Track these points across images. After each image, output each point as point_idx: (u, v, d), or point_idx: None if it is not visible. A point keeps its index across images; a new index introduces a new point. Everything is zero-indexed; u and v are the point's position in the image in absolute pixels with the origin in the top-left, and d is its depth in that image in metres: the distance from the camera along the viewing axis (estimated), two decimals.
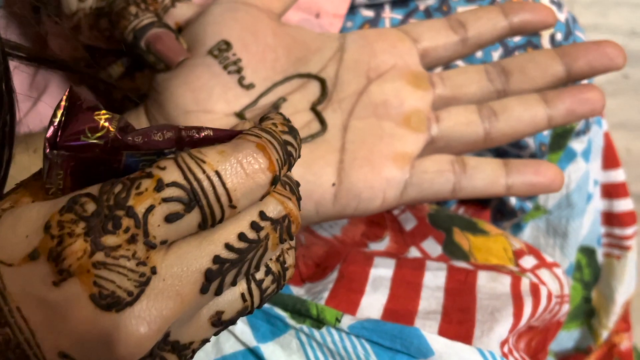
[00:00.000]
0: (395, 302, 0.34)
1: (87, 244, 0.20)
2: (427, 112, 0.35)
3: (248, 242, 0.21)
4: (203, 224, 0.21)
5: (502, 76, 0.36)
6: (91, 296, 0.20)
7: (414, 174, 0.34)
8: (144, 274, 0.20)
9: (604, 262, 0.53)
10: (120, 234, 0.20)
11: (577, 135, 0.48)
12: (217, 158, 0.21)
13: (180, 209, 0.20)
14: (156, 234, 0.20)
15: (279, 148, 0.22)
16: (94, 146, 0.21)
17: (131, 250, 0.20)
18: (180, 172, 0.20)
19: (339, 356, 0.31)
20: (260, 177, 0.21)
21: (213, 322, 0.22)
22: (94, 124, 0.21)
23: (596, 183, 0.51)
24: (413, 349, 0.31)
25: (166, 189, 0.20)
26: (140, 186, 0.20)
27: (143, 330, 0.20)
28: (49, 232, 0.20)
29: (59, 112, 0.21)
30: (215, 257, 0.21)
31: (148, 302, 0.20)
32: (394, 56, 0.36)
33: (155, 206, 0.20)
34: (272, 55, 0.36)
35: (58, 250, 0.20)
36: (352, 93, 0.35)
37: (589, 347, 0.53)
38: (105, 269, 0.20)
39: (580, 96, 0.35)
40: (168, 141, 0.21)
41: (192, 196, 0.20)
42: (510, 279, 0.35)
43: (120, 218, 0.20)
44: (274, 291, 0.23)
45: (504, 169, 0.35)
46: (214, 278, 0.21)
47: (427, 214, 0.41)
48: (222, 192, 0.21)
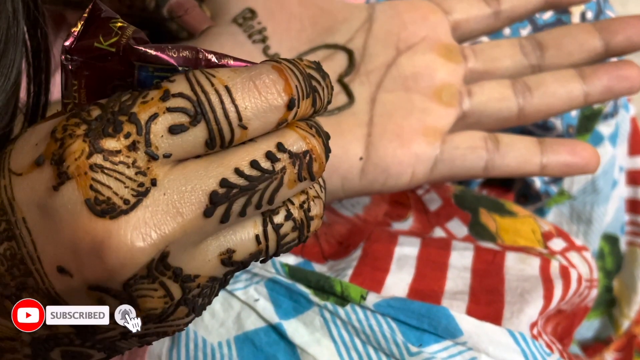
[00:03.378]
0: (421, 282, 0.33)
1: (85, 144, 0.19)
2: (459, 86, 0.34)
3: (260, 170, 0.20)
4: (210, 142, 0.20)
5: (537, 50, 0.35)
6: (86, 201, 0.19)
7: (445, 150, 0.33)
8: (143, 184, 0.19)
9: (627, 250, 0.52)
10: (121, 138, 0.19)
11: (604, 118, 0.46)
12: (229, 74, 0.20)
13: (185, 121, 0.19)
14: (159, 144, 0.19)
15: (299, 76, 0.21)
16: (106, 53, 0.21)
17: (131, 157, 0.19)
18: (188, 84, 0.20)
19: (363, 334, 0.30)
20: (274, 96, 0.20)
21: (223, 260, 0.21)
22: (108, 31, 0.21)
23: (621, 169, 0.50)
24: (441, 329, 0.30)
25: (172, 99, 0.19)
26: (147, 96, 0.20)
27: (136, 241, 0.19)
28: (53, 136, 0.20)
29: (79, 23, 0.21)
30: (222, 179, 0.20)
31: (144, 213, 0.19)
32: (425, 28, 0.35)
33: (159, 115, 0.19)
34: (297, 24, 0.35)
35: (60, 152, 0.19)
36: (381, 65, 0.34)
37: (609, 337, 0.52)
38: (102, 173, 0.19)
39: (618, 73, 0.34)
40: (183, 59, 0.21)
41: (198, 108, 0.19)
42: (539, 261, 0.34)
43: (122, 123, 0.19)
44: (294, 241, 0.22)
45: (539, 147, 0.34)
46: (219, 202, 0.20)
47: (453, 195, 0.40)
48: (230, 108, 0.20)
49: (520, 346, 0.30)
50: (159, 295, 0.20)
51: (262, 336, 0.31)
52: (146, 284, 0.20)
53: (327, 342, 0.30)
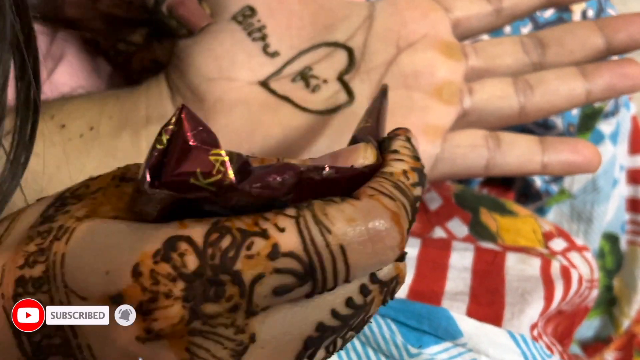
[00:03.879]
0: (421, 283, 0.33)
1: (185, 310, 0.17)
2: (460, 84, 0.34)
3: (354, 308, 0.19)
4: (310, 294, 0.18)
5: (538, 48, 0.35)
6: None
7: (446, 148, 0.33)
8: (242, 342, 0.18)
9: (628, 249, 0.51)
10: (223, 302, 0.17)
11: (605, 117, 0.46)
12: (345, 229, 0.18)
13: (293, 283, 0.18)
14: (261, 303, 0.18)
15: (409, 212, 0.19)
16: (203, 191, 0.18)
17: (231, 318, 0.18)
18: (300, 239, 0.18)
19: (363, 336, 0.30)
20: (388, 255, 0.18)
21: None
22: (209, 168, 0.17)
23: (622, 168, 0.49)
24: (441, 331, 0.29)
25: (281, 258, 0.17)
26: (252, 247, 0.17)
27: None
28: (139, 282, 0.17)
29: (164, 137, 0.18)
30: (319, 324, 0.19)
31: None
32: (426, 25, 0.34)
33: (266, 276, 0.17)
34: (297, 22, 0.35)
35: (150, 307, 0.17)
36: (381, 63, 0.34)
37: (609, 336, 0.52)
38: (200, 337, 0.17)
39: (620, 71, 0.34)
40: (287, 187, 0.18)
41: (309, 270, 0.18)
42: (540, 262, 0.34)
43: (225, 284, 0.17)
44: (352, 338, 0.21)
45: (540, 146, 0.33)
46: (313, 346, 0.19)
47: (453, 194, 0.40)
48: (341, 269, 0.18)
49: (521, 348, 0.30)
50: None
51: None
52: None
53: None
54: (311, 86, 0.33)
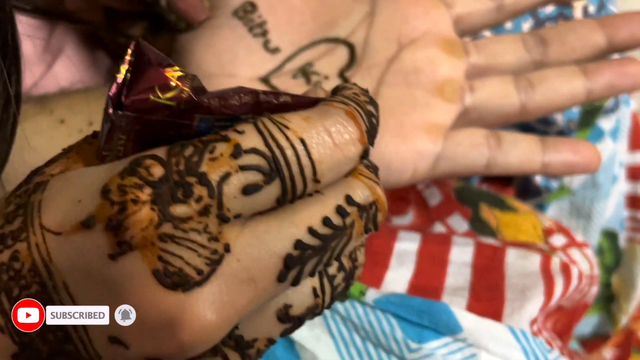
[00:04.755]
0: (421, 278, 0.33)
1: (154, 212, 0.17)
2: (461, 82, 0.34)
3: (333, 228, 0.19)
4: (282, 199, 0.18)
5: (540, 46, 0.35)
6: (154, 272, 0.17)
7: (447, 147, 0.33)
8: (216, 251, 0.18)
9: (627, 246, 0.51)
10: (192, 203, 0.17)
11: (605, 113, 0.46)
12: (303, 125, 0.19)
13: (260, 180, 0.18)
14: (231, 206, 0.18)
15: (366, 119, 0.20)
16: (165, 108, 0.18)
17: (203, 223, 0.18)
18: (260, 137, 0.18)
19: (363, 330, 0.30)
20: (350, 149, 0.19)
21: (280, 317, 0.20)
22: (165, 82, 0.18)
23: (621, 165, 0.49)
24: (441, 325, 0.30)
25: (244, 155, 0.18)
26: (214, 150, 0.18)
27: (211, 317, 0.17)
28: (107, 198, 0.17)
29: (123, 68, 0.19)
30: (297, 241, 0.18)
31: (219, 284, 0.18)
32: (427, 22, 0.34)
33: (232, 174, 0.18)
34: (298, 18, 0.35)
35: (119, 218, 0.17)
36: (383, 59, 0.34)
37: (607, 333, 0.52)
38: (172, 243, 0.17)
39: (621, 69, 0.34)
40: (245, 106, 0.19)
41: (274, 166, 0.18)
42: (540, 257, 0.34)
43: (192, 185, 0.17)
44: (343, 290, 0.21)
45: (541, 145, 0.34)
46: (293, 265, 0.18)
47: (453, 190, 0.40)
48: (306, 163, 0.18)
49: (521, 343, 0.30)
50: None
51: None
52: (209, 357, 0.19)
53: (326, 338, 0.30)
54: (312, 82, 0.33)
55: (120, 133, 0.19)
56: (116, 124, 0.19)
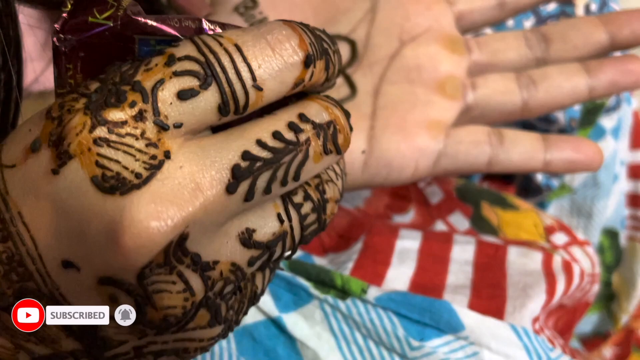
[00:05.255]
0: (423, 276, 0.33)
1: (87, 117, 0.17)
2: (463, 79, 0.34)
3: (284, 142, 0.19)
4: (224, 107, 0.18)
5: (542, 43, 0.35)
6: (92, 178, 0.17)
7: (448, 144, 0.32)
8: (155, 156, 0.18)
9: (627, 245, 0.51)
10: (125, 108, 0.18)
11: (607, 112, 0.46)
12: (237, 33, 0.19)
13: (195, 85, 0.18)
14: (168, 112, 0.18)
15: (311, 35, 0.19)
16: (103, 30, 0.19)
17: (139, 128, 0.18)
18: (194, 46, 0.18)
19: (364, 328, 0.30)
20: (289, 53, 0.19)
21: (242, 240, 0.19)
22: (102, 4, 0.19)
23: (622, 163, 0.49)
24: (443, 323, 0.29)
25: (178, 62, 0.18)
26: (149, 63, 0.18)
27: (152, 220, 0.17)
28: (49, 116, 0.18)
29: (69, 3, 0.19)
30: (244, 152, 0.18)
31: (160, 188, 0.17)
32: (429, 19, 0.34)
33: (166, 80, 0.18)
34: (299, 14, 0.34)
35: (58, 131, 0.18)
36: (384, 56, 0.34)
37: (607, 332, 0.52)
38: (108, 147, 0.17)
39: (623, 67, 0.34)
40: (186, 29, 0.19)
41: (208, 70, 0.18)
42: (541, 256, 0.34)
43: (126, 92, 0.18)
44: (315, 224, 0.20)
45: (543, 143, 0.33)
46: (243, 176, 0.18)
47: (455, 188, 0.40)
48: (243, 68, 0.18)
49: (523, 341, 0.30)
50: (177, 289, 0.18)
51: (262, 329, 0.30)
52: (163, 275, 0.18)
53: (327, 335, 0.30)
54: None
55: (67, 62, 0.19)
56: (60, 51, 0.19)
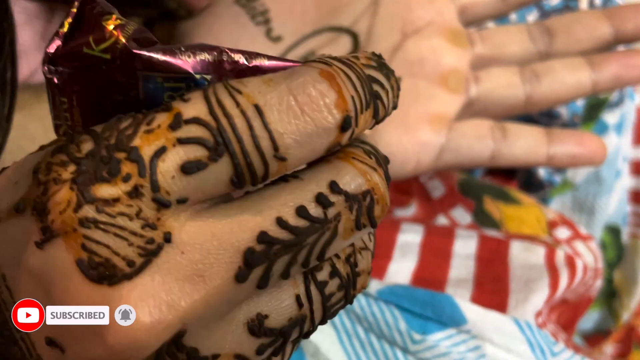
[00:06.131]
0: (425, 269, 0.33)
1: (72, 192, 0.15)
2: (466, 72, 0.33)
3: (310, 219, 0.16)
4: (237, 181, 0.15)
5: (545, 36, 0.34)
6: (78, 262, 0.15)
7: (451, 138, 0.32)
8: (153, 239, 0.15)
9: (629, 242, 0.51)
10: (118, 182, 0.15)
11: (610, 108, 0.46)
12: (261, 88, 0.15)
13: (203, 156, 0.15)
14: (170, 188, 0.15)
15: (357, 83, 0.16)
16: (99, 62, 0.16)
17: (134, 206, 0.15)
18: (205, 104, 0.15)
19: (366, 322, 0.30)
20: (322, 116, 0.15)
21: (252, 329, 0.16)
22: (101, 32, 0.16)
23: (625, 159, 0.49)
24: (445, 317, 0.29)
25: (184, 126, 0.15)
26: (152, 122, 0.15)
27: (143, 317, 0.15)
28: (36, 177, 0.15)
29: (66, 22, 0.17)
30: (261, 233, 0.15)
31: (155, 278, 0.15)
32: (431, 11, 0.34)
33: (168, 149, 0.15)
34: (301, 6, 0.34)
35: (43, 200, 0.15)
36: (386, 49, 0.34)
37: (608, 329, 0.52)
38: (97, 229, 0.15)
39: (627, 61, 0.33)
40: (202, 64, 0.16)
41: (219, 138, 0.15)
42: (544, 250, 0.34)
43: (120, 162, 0.15)
44: (340, 302, 0.17)
45: (546, 137, 0.33)
46: (256, 262, 0.15)
47: (457, 182, 0.39)
48: (263, 135, 0.15)
49: (526, 335, 0.29)
50: None
51: None
52: None
53: (328, 329, 0.30)
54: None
55: (61, 95, 0.17)
56: (52, 83, 0.17)
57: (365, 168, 0.17)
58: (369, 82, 0.17)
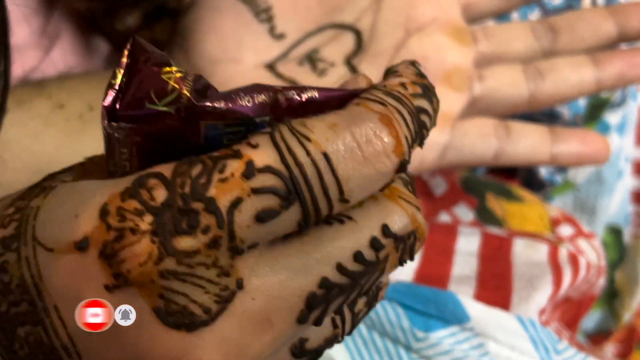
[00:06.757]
0: (427, 267, 0.33)
1: (154, 245, 0.15)
2: (469, 70, 0.33)
3: (365, 264, 0.17)
4: (304, 224, 0.16)
5: (549, 34, 0.34)
6: (155, 310, 0.15)
7: (455, 137, 0.32)
8: (227, 287, 0.16)
9: (631, 242, 0.51)
10: (198, 234, 0.15)
11: (612, 108, 0.46)
12: (327, 135, 0.16)
13: (276, 205, 0.16)
14: (245, 237, 0.16)
15: (409, 120, 0.17)
16: (163, 115, 0.16)
17: (212, 257, 0.16)
18: (276, 152, 0.16)
19: (368, 319, 0.30)
20: (383, 162, 0.16)
21: (294, 352, 0.18)
22: (162, 86, 0.16)
23: (627, 160, 0.49)
24: (448, 314, 0.29)
25: (258, 175, 0.16)
26: (224, 169, 0.16)
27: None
28: (105, 220, 0.16)
29: (119, 73, 0.17)
30: (322, 279, 0.16)
31: (230, 324, 0.16)
32: (435, 8, 0.34)
33: (244, 199, 0.16)
34: (304, 3, 0.34)
35: (115, 247, 0.15)
36: (390, 46, 0.34)
37: (610, 329, 0.52)
38: (176, 280, 0.15)
39: (631, 59, 0.33)
40: (260, 106, 0.17)
41: (292, 187, 0.16)
42: (547, 248, 0.34)
43: (199, 214, 0.15)
44: (365, 315, 0.19)
45: (550, 136, 0.33)
46: (317, 305, 0.16)
47: (459, 179, 0.39)
48: (331, 182, 0.16)
49: (529, 332, 0.29)
50: None
51: None
52: None
53: None
54: (318, 70, 0.33)
55: (121, 147, 0.17)
56: (113, 137, 0.17)
57: (411, 209, 0.18)
58: (417, 115, 0.18)
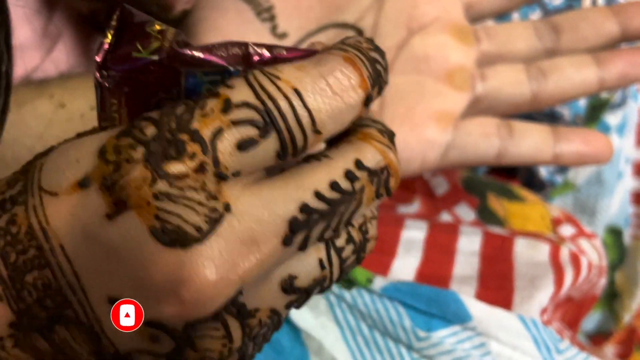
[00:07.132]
0: (429, 266, 0.33)
1: (147, 170, 0.17)
2: (472, 69, 0.33)
3: (341, 192, 0.19)
4: (282, 153, 0.18)
5: (552, 34, 0.34)
6: (151, 230, 0.17)
7: (457, 136, 0.32)
8: (216, 209, 0.17)
9: (631, 243, 0.51)
10: (186, 160, 0.17)
11: (612, 109, 0.46)
12: (296, 74, 0.18)
13: (254, 134, 0.18)
14: (228, 163, 0.18)
15: (368, 64, 0.19)
16: (148, 64, 0.19)
17: (199, 180, 0.17)
18: (251, 90, 0.18)
19: (370, 319, 0.30)
20: (350, 95, 0.19)
21: (284, 287, 0.19)
22: (146, 37, 0.19)
23: (627, 161, 0.49)
24: (450, 314, 0.29)
25: (235, 109, 0.18)
26: (205, 106, 0.18)
27: (213, 275, 0.17)
28: (103, 157, 0.18)
29: (109, 34, 0.19)
30: (302, 204, 0.18)
31: (219, 243, 0.17)
32: (437, 8, 0.34)
33: (224, 129, 0.18)
34: (306, 2, 0.34)
35: (114, 177, 0.17)
36: (392, 46, 0.33)
37: (610, 330, 0.52)
38: (169, 201, 0.17)
39: (634, 59, 0.33)
40: (233, 57, 0.19)
41: (267, 118, 0.18)
42: (549, 247, 0.34)
43: (185, 143, 0.17)
44: (353, 264, 0.20)
45: (553, 136, 0.33)
46: (299, 229, 0.18)
47: (461, 179, 0.39)
48: (303, 113, 0.18)
49: (531, 332, 0.29)
50: (218, 335, 0.18)
51: None
52: (209, 323, 0.18)
53: (332, 326, 0.30)
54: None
55: (111, 97, 0.19)
56: (104, 86, 0.19)
57: (382, 147, 0.20)
58: (374, 64, 0.20)
